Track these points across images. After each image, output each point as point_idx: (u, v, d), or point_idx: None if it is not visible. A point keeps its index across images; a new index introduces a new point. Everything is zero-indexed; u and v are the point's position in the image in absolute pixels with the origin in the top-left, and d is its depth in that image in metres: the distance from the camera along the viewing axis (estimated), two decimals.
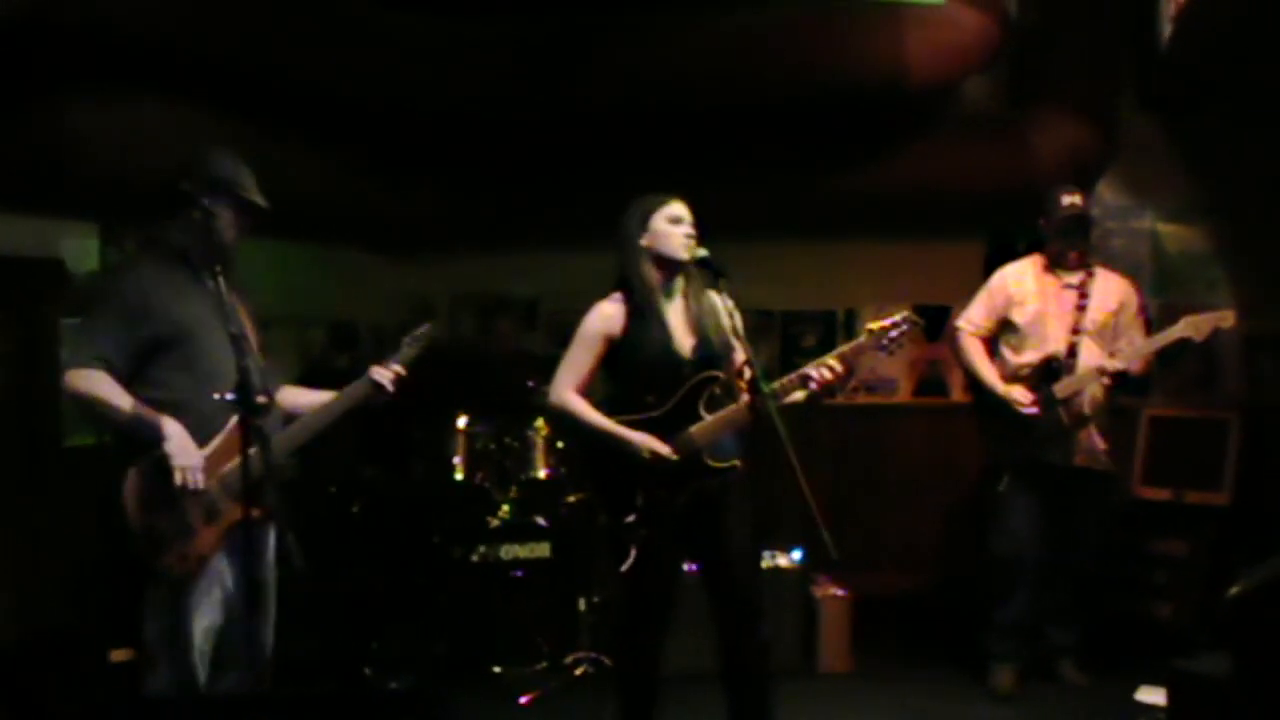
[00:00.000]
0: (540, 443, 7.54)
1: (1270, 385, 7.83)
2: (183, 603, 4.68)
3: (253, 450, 4.42)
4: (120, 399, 4.58)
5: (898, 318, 5.06)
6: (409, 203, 8.24)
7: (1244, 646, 4.23)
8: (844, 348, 5.12)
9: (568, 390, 5.18)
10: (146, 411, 4.59)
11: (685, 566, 5.42)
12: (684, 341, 5.15)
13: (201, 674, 4.73)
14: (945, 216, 8.43)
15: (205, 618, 4.73)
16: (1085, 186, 7.15)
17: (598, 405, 5.17)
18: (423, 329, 5.28)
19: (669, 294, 5.21)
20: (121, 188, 5.89)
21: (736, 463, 5.11)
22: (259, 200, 4.84)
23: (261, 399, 4.63)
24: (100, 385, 4.57)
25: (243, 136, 6.18)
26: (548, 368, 5.62)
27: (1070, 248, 6.73)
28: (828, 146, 8.18)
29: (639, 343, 5.12)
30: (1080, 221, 6.72)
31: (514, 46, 7.48)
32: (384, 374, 5.08)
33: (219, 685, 4.82)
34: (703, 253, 5.03)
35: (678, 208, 5.11)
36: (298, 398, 5.15)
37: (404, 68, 7.24)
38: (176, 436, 4.58)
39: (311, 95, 6.97)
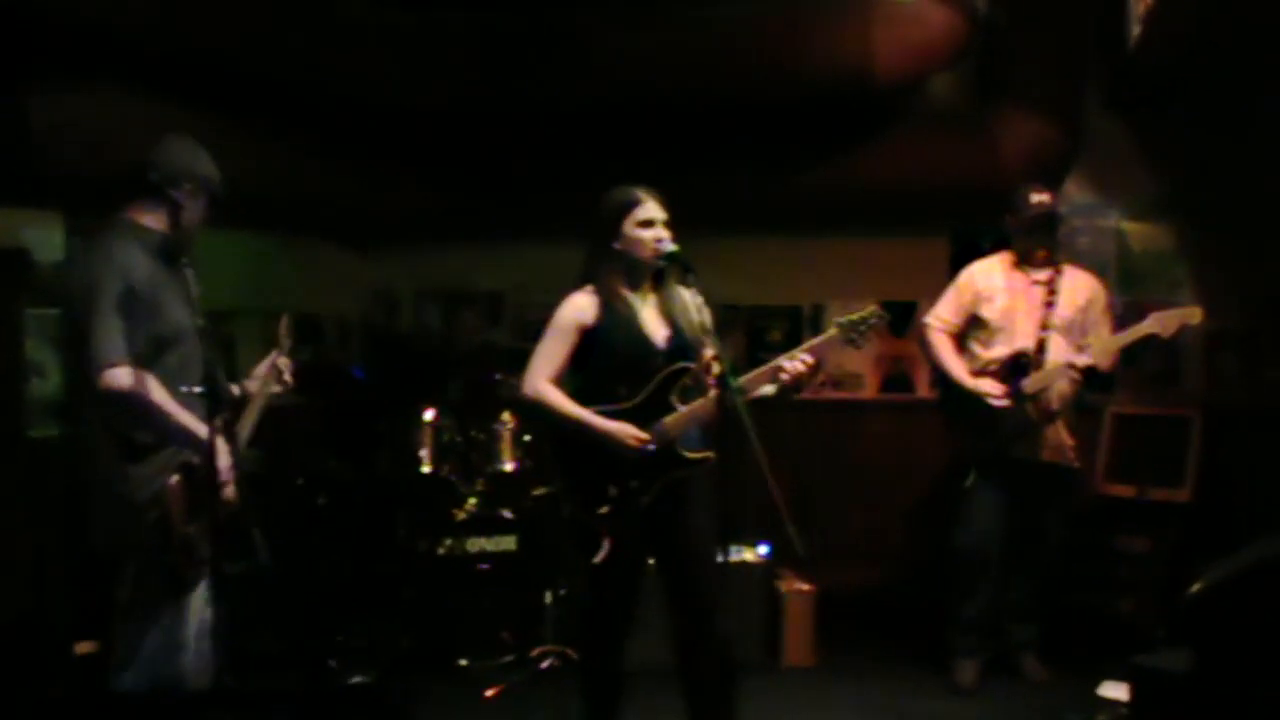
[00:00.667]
0: (507, 436, 7.54)
1: (1232, 383, 7.88)
2: (184, 606, 4.67)
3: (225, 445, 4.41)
4: (172, 404, 4.52)
5: (865, 312, 5.07)
6: (375, 195, 8.23)
7: (1204, 643, 4.26)
8: (812, 341, 5.13)
9: (542, 381, 5.16)
10: (196, 424, 4.53)
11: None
12: (657, 333, 5.17)
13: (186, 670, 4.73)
14: (911, 213, 8.45)
15: (197, 614, 4.73)
16: (1051, 184, 7.18)
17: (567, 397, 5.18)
18: (283, 320, 5.25)
19: (640, 288, 5.22)
20: (87, 178, 5.86)
21: (709, 454, 5.11)
22: (219, 191, 4.83)
23: (233, 391, 4.66)
24: (153, 387, 4.48)
25: (210, 128, 6.15)
26: (513, 361, 5.61)
27: (1038, 245, 6.78)
28: (794, 142, 8.19)
29: (612, 333, 5.12)
30: (1049, 220, 6.76)
31: (482, 40, 7.47)
32: (285, 363, 5.11)
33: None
34: (671, 248, 5.03)
35: (649, 209, 5.10)
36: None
37: (371, 61, 7.23)
38: (225, 452, 4.57)
39: (278, 87, 6.95)
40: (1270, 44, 6.55)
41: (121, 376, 4.43)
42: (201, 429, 4.51)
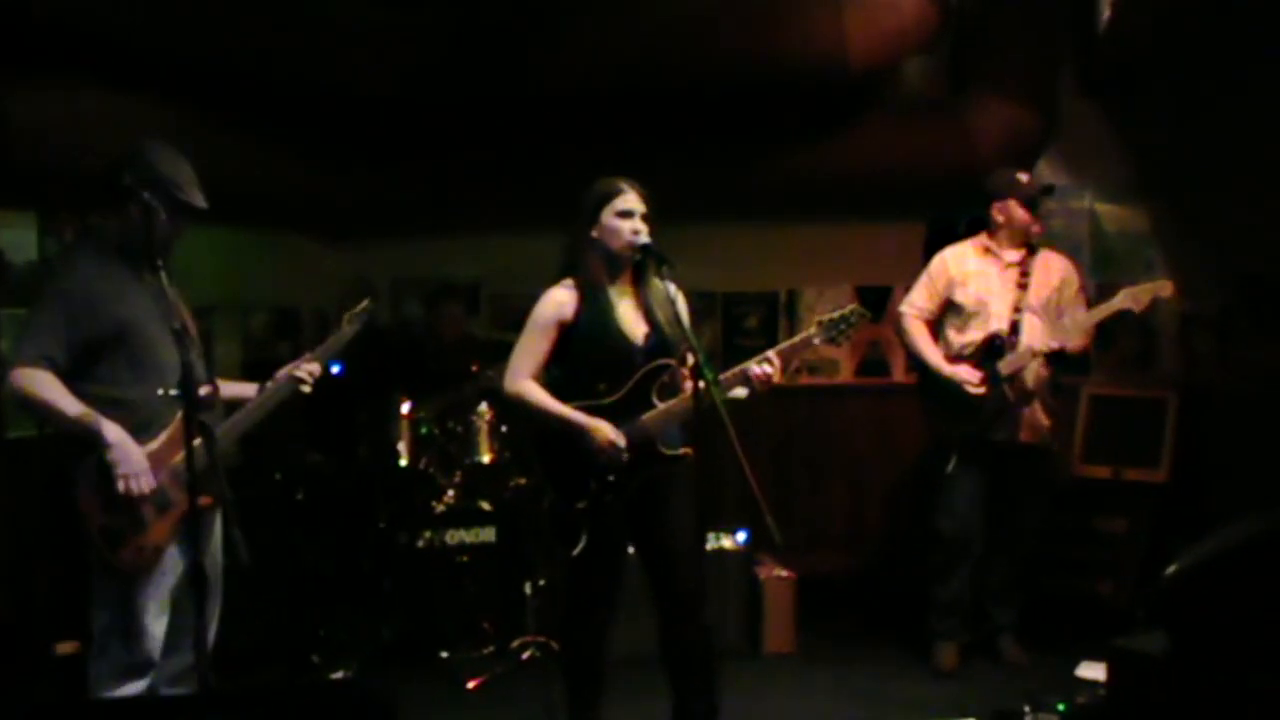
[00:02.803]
0: (484, 427, 7.52)
1: (1206, 364, 7.91)
2: (136, 594, 4.75)
3: (197, 442, 4.42)
4: (64, 401, 4.61)
5: (846, 311, 5.09)
6: (351, 187, 8.21)
7: (1180, 625, 4.29)
8: (793, 340, 5.16)
9: (524, 378, 5.17)
10: (89, 416, 4.62)
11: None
12: (636, 329, 5.17)
13: (156, 660, 4.82)
14: (886, 198, 8.45)
15: (158, 606, 4.80)
16: (1025, 168, 7.22)
17: (545, 390, 5.19)
18: (362, 305, 5.32)
19: (620, 282, 5.23)
20: (61, 177, 5.85)
21: (688, 451, 5.13)
22: (199, 202, 4.84)
23: (205, 390, 4.68)
24: (45, 386, 4.59)
25: (183, 124, 6.16)
26: (491, 352, 5.59)
27: (1038, 220, 6.82)
28: (769, 129, 8.18)
29: (591, 329, 5.13)
30: (1047, 192, 6.83)
31: (455, 29, 7.45)
32: (307, 370, 5.12)
33: (164, 671, 4.91)
34: (645, 241, 5.04)
35: (628, 200, 5.10)
36: (229, 390, 5.17)
37: (344, 52, 7.20)
38: (119, 444, 4.62)
39: (251, 81, 6.93)
40: (1239, 25, 6.59)
41: (18, 378, 4.61)
42: (109, 431, 4.61)
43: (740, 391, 5.05)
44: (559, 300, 5.19)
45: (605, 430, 5.03)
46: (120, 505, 4.64)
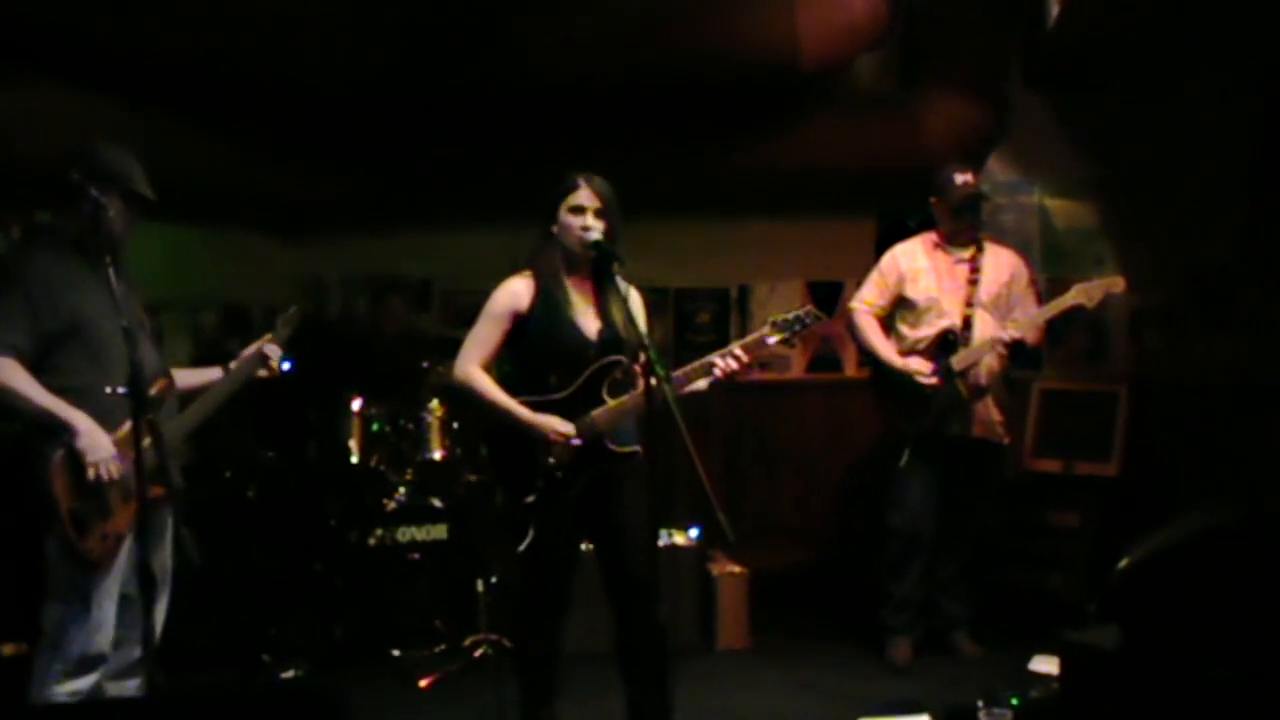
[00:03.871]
0: (435, 424, 7.49)
1: (1156, 358, 7.94)
2: (95, 585, 4.78)
3: (147, 442, 4.41)
4: (34, 391, 4.66)
5: (800, 311, 5.09)
6: (300, 184, 8.16)
7: (1132, 619, 4.30)
8: (746, 340, 5.14)
9: (473, 365, 5.16)
10: (59, 405, 4.67)
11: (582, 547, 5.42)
12: (590, 324, 5.16)
13: (108, 654, 4.85)
14: (837, 194, 8.46)
15: (112, 599, 4.84)
16: (975, 163, 7.24)
17: (497, 385, 5.17)
18: (291, 310, 5.37)
19: (578, 277, 5.22)
20: (7, 172, 5.80)
21: (637, 449, 5.13)
22: (147, 193, 4.90)
23: (156, 388, 4.71)
24: (14, 375, 4.64)
25: (132, 120, 6.10)
26: (441, 348, 5.56)
27: (967, 226, 6.83)
28: (720, 125, 8.18)
29: (545, 322, 5.12)
30: (977, 200, 6.81)
31: (406, 25, 7.42)
32: (274, 350, 5.17)
33: (109, 666, 4.93)
34: (595, 238, 5.03)
35: (580, 196, 5.09)
36: (188, 378, 5.25)
37: (295, 48, 7.16)
38: (87, 432, 4.68)
39: (202, 78, 6.89)
40: (1187, 22, 6.62)
41: None
42: (78, 419, 4.68)
43: (700, 384, 5.06)
44: (515, 290, 5.18)
45: (552, 422, 5.03)
46: (89, 491, 4.69)
